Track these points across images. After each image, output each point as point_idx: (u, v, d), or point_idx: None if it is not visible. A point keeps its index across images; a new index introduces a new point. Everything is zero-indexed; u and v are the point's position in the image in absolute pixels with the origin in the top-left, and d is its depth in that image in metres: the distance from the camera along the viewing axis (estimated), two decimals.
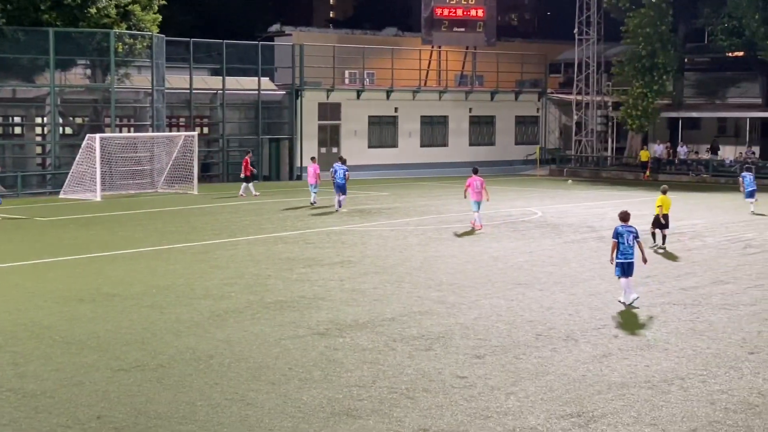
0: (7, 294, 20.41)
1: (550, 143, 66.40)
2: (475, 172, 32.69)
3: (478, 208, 31.42)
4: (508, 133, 64.95)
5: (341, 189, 36.55)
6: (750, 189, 36.23)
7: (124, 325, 17.47)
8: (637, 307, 19.23)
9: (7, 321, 17.74)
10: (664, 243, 27.67)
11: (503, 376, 14.35)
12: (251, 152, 45.56)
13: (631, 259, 19.61)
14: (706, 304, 19.84)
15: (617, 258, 19.63)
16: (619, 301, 19.68)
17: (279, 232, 30.70)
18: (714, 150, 58.65)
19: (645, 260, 19.96)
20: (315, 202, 38.48)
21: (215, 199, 41.58)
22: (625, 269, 19.62)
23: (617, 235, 19.68)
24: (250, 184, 42.43)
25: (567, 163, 61.67)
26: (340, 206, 36.62)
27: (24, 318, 18.00)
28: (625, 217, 19.93)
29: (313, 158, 40.89)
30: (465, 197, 32.36)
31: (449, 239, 29.20)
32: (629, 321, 18.15)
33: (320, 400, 13.13)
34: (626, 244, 19.57)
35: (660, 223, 27.82)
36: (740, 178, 37.90)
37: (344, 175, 36.48)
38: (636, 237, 19.69)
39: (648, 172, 56.10)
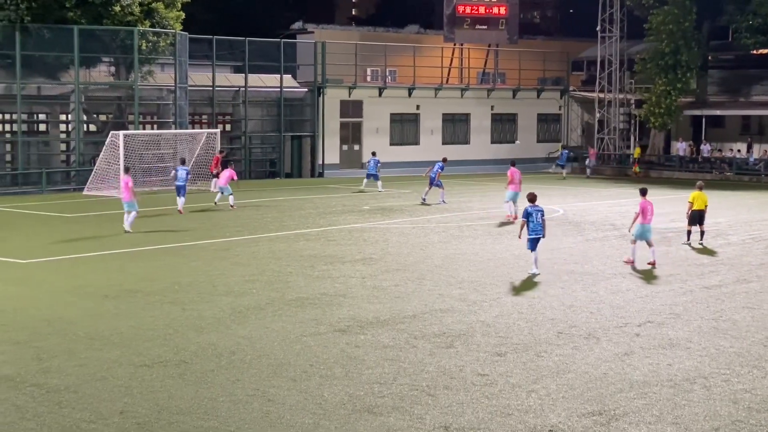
0: (31, 290, 20.55)
1: (572, 141, 66.17)
2: (513, 164, 34.33)
3: (515, 199, 32.16)
4: (530, 131, 64.82)
5: (374, 176, 43.95)
6: None
7: (147, 321, 17.56)
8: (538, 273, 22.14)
9: (32, 317, 17.86)
10: (702, 239, 27.71)
11: (524, 373, 14.34)
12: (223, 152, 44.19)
13: (539, 235, 22.41)
14: (730, 302, 19.76)
15: (528, 235, 22.34)
16: (530, 273, 22.28)
17: (301, 229, 30.76)
18: (750, 148, 58.48)
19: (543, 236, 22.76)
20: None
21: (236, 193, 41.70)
22: (535, 244, 22.39)
23: (527, 214, 22.39)
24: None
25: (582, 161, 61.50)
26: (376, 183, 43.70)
27: (48, 314, 18.13)
28: (532, 198, 22.78)
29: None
30: (507, 189, 33.30)
31: (471, 237, 29.18)
32: (651, 319, 18.09)
33: (341, 396, 13.16)
34: (535, 222, 22.33)
35: (694, 219, 27.82)
36: None
37: (376, 165, 43.84)
38: (543, 215, 22.52)
39: (636, 168, 57.14)
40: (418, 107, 59.52)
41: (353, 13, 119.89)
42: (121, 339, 16.20)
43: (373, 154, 45.26)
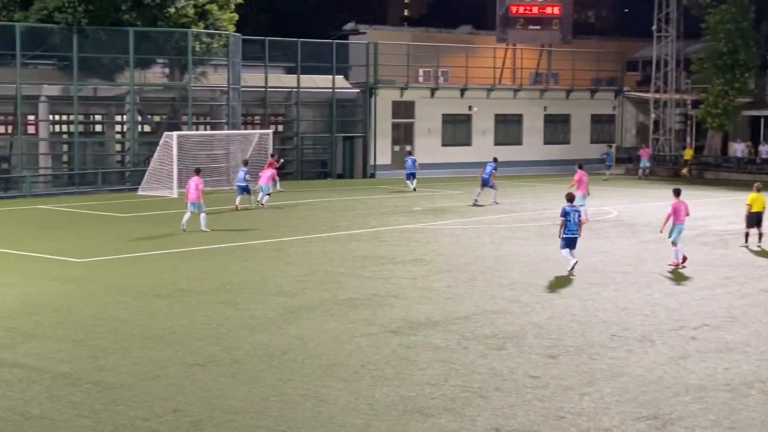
0: (86, 289, 20.78)
1: (627, 142, 65.57)
2: (581, 167, 34.24)
3: (584, 202, 32.21)
4: (583, 132, 64.29)
5: (413, 176, 45.16)
6: None
7: (199, 320, 17.67)
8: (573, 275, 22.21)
9: (87, 315, 18.06)
10: (760, 241, 27.39)
11: (577, 376, 14.22)
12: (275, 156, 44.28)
13: (576, 235, 22.81)
14: None
15: (564, 234, 22.64)
16: (568, 271, 22.45)
17: (353, 229, 30.80)
18: None
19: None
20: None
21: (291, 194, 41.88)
22: (571, 243, 22.71)
23: (565, 214, 22.71)
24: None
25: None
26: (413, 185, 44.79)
27: (103, 312, 18.32)
28: (571, 198, 23.26)
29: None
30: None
31: (523, 238, 29.02)
32: (708, 323, 17.85)
33: (392, 397, 13.14)
34: (573, 221, 22.70)
35: (752, 221, 27.49)
36: None
37: (414, 164, 45.33)
38: (580, 215, 23.11)
39: (686, 170, 56.46)
40: (470, 108, 59.32)
41: (405, 13, 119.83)
42: (174, 338, 16.32)
43: (410, 153, 47.35)
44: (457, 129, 59.47)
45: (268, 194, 37.16)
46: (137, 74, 46.06)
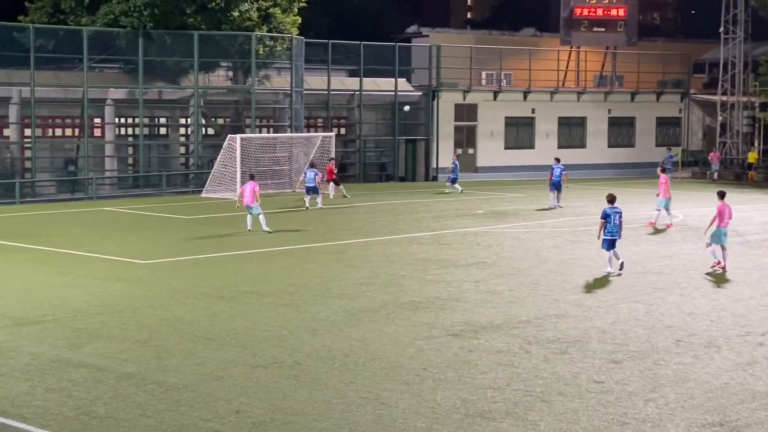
0: (151, 290, 21.00)
1: (693, 145, 64.76)
2: (663, 170, 33.81)
3: (668, 206, 32.25)
4: (648, 135, 63.63)
5: (454, 180, 45.78)
6: None
7: (262, 322, 17.76)
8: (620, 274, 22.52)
9: (152, 316, 18.25)
10: None
11: (642, 382, 14.05)
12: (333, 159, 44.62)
13: (616, 236, 22.89)
14: None
15: (604, 235, 22.78)
16: (606, 272, 22.58)
17: (414, 232, 30.76)
18: None
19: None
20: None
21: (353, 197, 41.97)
22: (611, 245, 22.79)
23: (605, 215, 22.82)
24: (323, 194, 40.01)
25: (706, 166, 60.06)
26: (454, 186, 45.17)
27: (167, 314, 18.49)
28: (612, 199, 23.15)
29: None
30: (658, 196, 32.68)
31: (587, 242, 28.75)
32: None
33: (454, 401, 13.08)
34: (612, 223, 22.80)
35: None
36: None
37: (456, 168, 45.95)
38: (620, 217, 22.99)
39: (752, 173, 55.74)
40: (533, 111, 59.02)
41: (468, 16, 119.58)
42: (237, 339, 16.42)
43: (457, 156, 48.75)
44: (519, 132, 59.21)
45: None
46: (201, 77, 46.50)
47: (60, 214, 36.93)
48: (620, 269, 22.90)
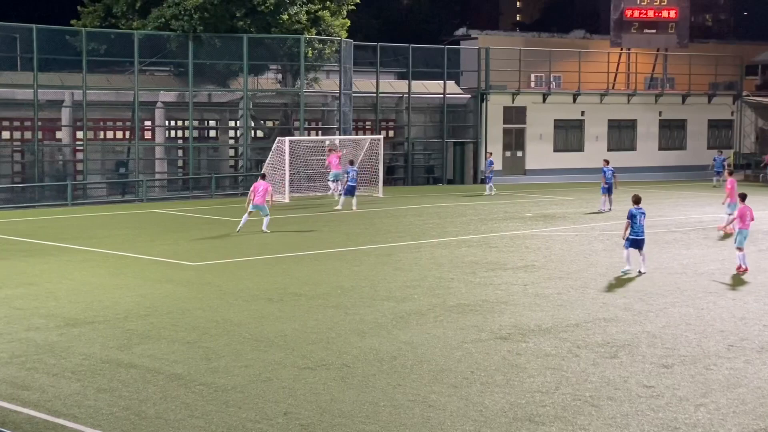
0: (200, 292, 21.14)
1: (745, 148, 63.98)
2: (731, 173, 33.95)
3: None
4: (699, 138, 63.00)
5: (488, 179, 45.97)
6: None
7: (310, 324, 17.81)
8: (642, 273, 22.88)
9: (201, 318, 18.37)
10: None
11: (692, 386, 13.90)
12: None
13: (641, 236, 23.23)
14: None
15: (630, 235, 23.11)
16: (622, 271, 23.06)
17: (462, 235, 30.69)
18: None
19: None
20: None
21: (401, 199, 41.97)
22: (636, 244, 23.19)
23: (631, 216, 23.16)
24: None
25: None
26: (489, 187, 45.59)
27: (216, 315, 18.61)
28: (637, 200, 23.43)
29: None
30: (723, 203, 31.91)
31: None
32: None
33: (502, 404, 13.03)
34: (638, 224, 23.11)
35: None
36: None
37: (491, 166, 46.15)
38: (644, 217, 23.38)
39: None
40: (582, 113, 58.66)
41: (518, 18, 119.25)
42: (285, 341, 16.47)
43: (490, 154, 48.40)
44: (569, 134, 58.89)
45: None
46: (250, 80, 46.76)
47: (111, 216, 37.32)
48: (640, 273, 23.15)
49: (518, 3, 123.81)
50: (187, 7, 43.62)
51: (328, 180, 43.25)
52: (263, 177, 32.39)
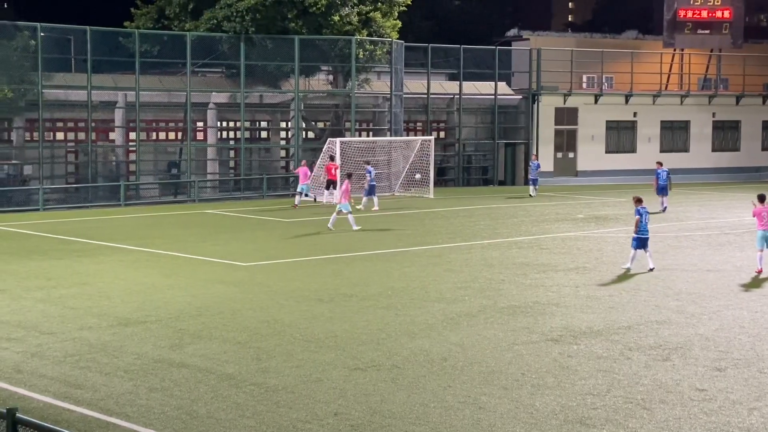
0: (251, 292, 21.27)
1: None
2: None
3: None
4: (754, 139, 62.22)
5: (534, 181, 45.61)
6: None
7: (361, 325, 17.84)
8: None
9: (252, 318, 18.47)
10: None
11: (746, 390, 13.73)
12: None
13: (647, 234, 24.00)
14: None
15: (638, 234, 23.81)
16: (624, 268, 23.68)
17: (513, 236, 30.58)
18: None
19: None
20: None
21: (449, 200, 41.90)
22: (643, 243, 23.90)
23: (639, 213, 23.86)
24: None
25: None
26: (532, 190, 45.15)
27: (267, 316, 18.70)
28: (639, 200, 24.25)
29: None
30: None
31: (689, 247, 28.26)
32: None
33: (553, 407, 12.96)
34: (644, 222, 23.87)
35: None
36: None
37: (536, 169, 45.74)
38: (648, 216, 24.26)
39: None
40: (635, 114, 58.18)
41: (569, 19, 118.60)
42: (336, 342, 16.51)
43: (536, 156, 48.92)
44: (621, 136, 58.43)
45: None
46: (302, 81, 46.97)
47: (163, 216, 37.68)
48: (649, 270, 23.78)
49: (570, 3, 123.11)
50: (239, 8, 43.93)
51: (296, 192, 41.13)
52: (349, 176, 33.25)
